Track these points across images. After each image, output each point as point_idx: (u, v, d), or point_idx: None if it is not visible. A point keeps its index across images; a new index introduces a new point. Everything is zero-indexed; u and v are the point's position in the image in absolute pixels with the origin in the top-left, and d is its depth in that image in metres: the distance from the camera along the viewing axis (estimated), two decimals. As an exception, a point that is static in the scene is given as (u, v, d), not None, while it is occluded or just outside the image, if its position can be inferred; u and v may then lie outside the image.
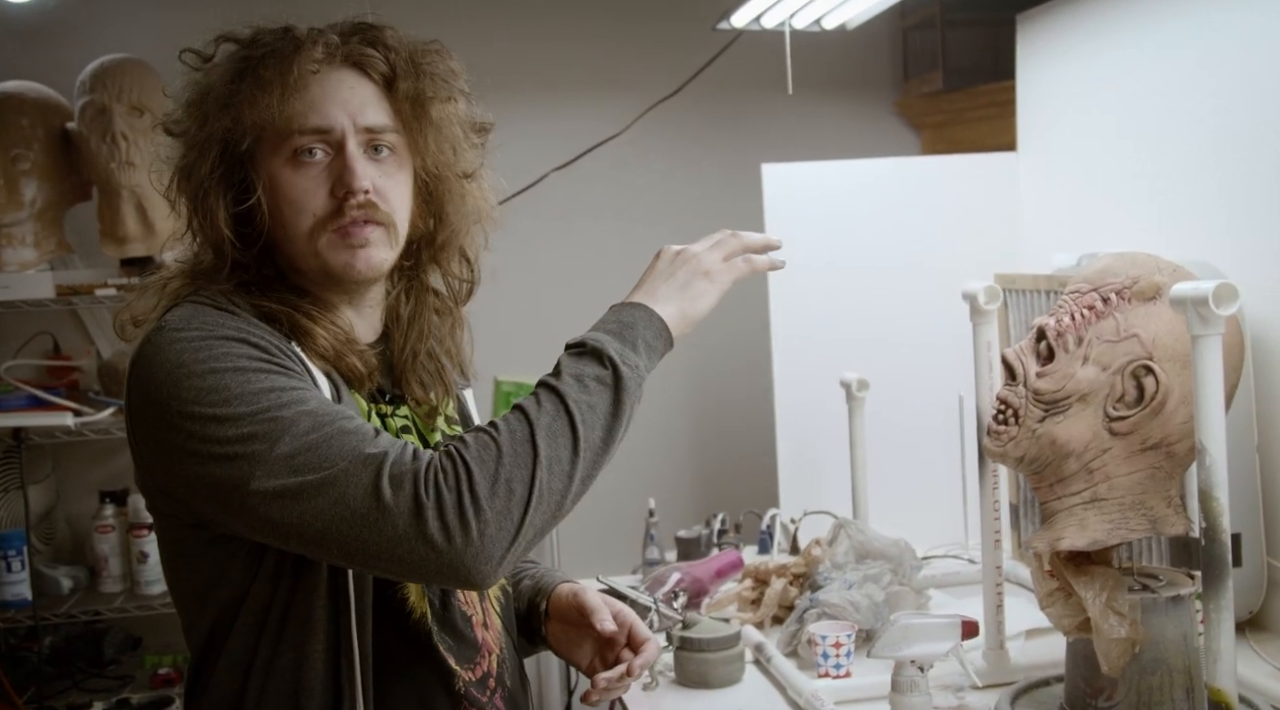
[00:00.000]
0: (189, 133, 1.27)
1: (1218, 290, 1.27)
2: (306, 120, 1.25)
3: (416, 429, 1.39)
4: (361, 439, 1.13)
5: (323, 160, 1.26)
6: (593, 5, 3.36)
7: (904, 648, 1.30)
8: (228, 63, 1.27)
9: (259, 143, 1.25)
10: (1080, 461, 1.45)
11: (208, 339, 1.18)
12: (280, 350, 1.21)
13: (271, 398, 1.14)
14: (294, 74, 1.24)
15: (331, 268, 1.27)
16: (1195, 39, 2.08)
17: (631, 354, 1.25)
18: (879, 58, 3.53)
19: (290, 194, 1.25)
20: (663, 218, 3.47)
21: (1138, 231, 2.23)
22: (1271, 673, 1.73)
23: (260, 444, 1.12)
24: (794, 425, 2.63)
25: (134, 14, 3.14)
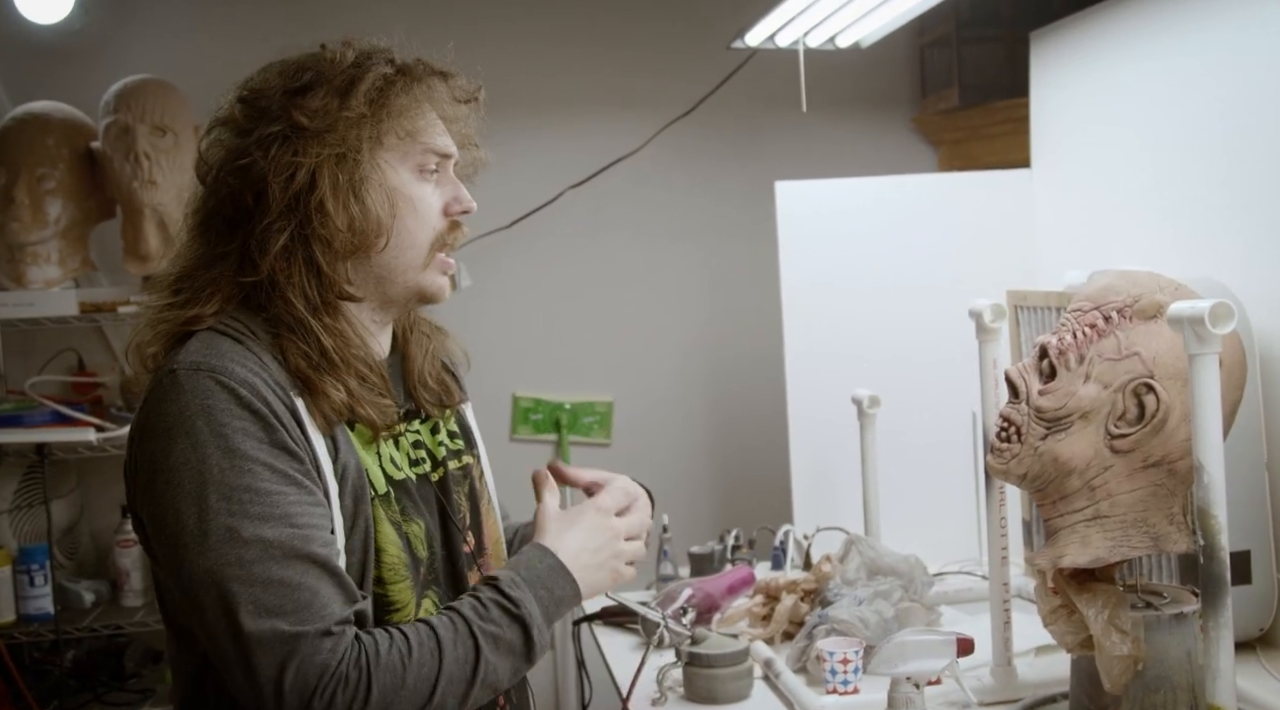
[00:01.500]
0: (330, 126, 1.27)
1: (1214, 309, 1.28)
2: (436, 140, 1.34)
3: (424, 444, 1.43)
4: (297, 609, 1.15)
5: (432, 179, 1.35)
6: (609, 25, 3.38)
7: (899, 664, 1.30)
8: (375, 68, 1.30)
9: (380, 152, 1.30)
10: (1082, 479, 1.46)
11: (218, 409, 1.18)
12: (280, 422, 1.21)
13: (249, 520, 1.16)
14: (438, 95, 1.34)
15: (428, 289, 1.35)
16: (1207, 56, 2.09)
17: (547, 629, 1.29)
18: (896, 75, 3.54)
19: (418, 207, 1.32)
20: (679, 234, 3.49)
21: (1151, 248, 2.23)
22: (1281, 692, 1.73)
23: (223, 550, 1.16)
24: (808, 441, 2.64)
25: (157, 35, 3.19)
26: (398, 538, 1.30)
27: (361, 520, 1.26)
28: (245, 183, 1.27)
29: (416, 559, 1.33)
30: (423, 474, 1.40)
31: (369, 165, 1.29)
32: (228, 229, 1.29)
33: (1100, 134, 2.43)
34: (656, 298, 3.51)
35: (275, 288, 1.28)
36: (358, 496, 1.26)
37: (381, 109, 1.29)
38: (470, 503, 1.46)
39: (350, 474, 1.26)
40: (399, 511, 1.32)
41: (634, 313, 3.51)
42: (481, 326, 3.33)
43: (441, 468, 1.43)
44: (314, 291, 1.28)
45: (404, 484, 1.35)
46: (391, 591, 1.29)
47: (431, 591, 1.35)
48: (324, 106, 1.26)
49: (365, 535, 1.26)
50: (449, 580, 1.39)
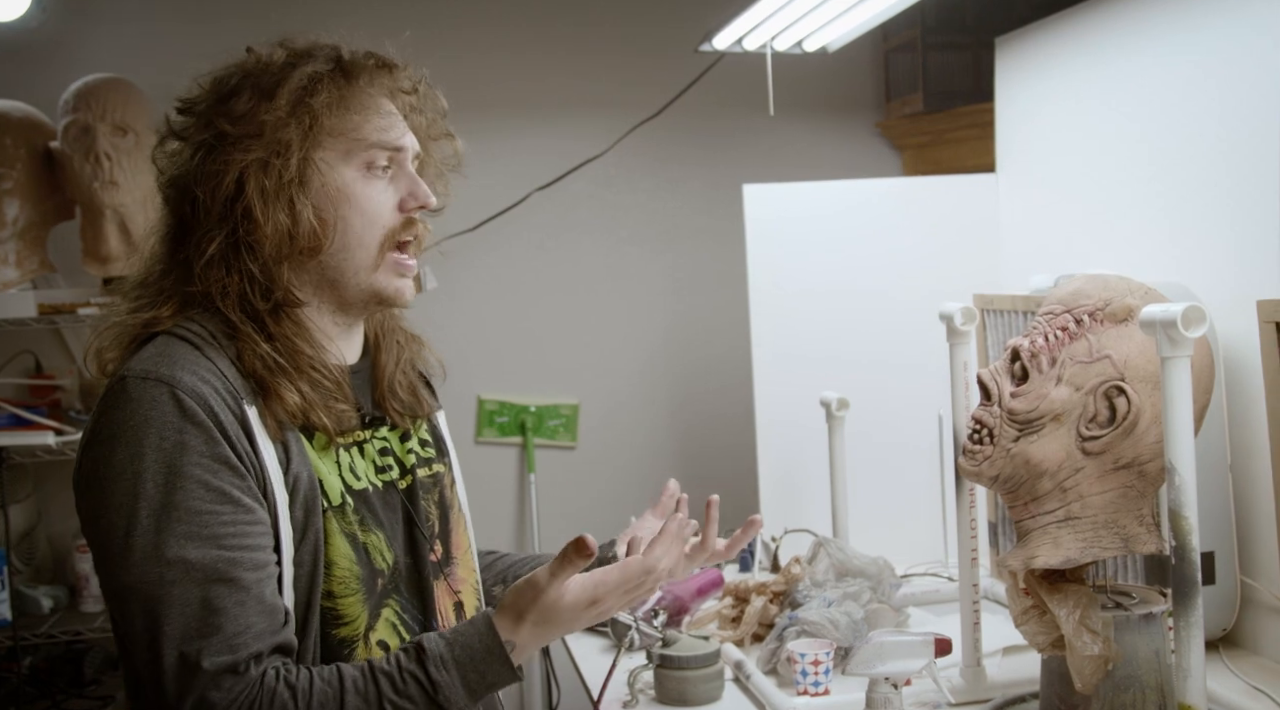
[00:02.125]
0: (254, 130, 1.25)
1: (1186, 313, 1.29)
2: (384, 135, 1.30)
3: (392, 450, 1.41)
4: (207, 635, 1.14)
5: (385, 176, 1.31)
6: (576, 27, 3.38)
7: (878, 665, 1.31)
8: (303, 67, 1.28)
9: (322, 151, 1.27)
10: (1054, 481, 1.47)
11: (161, 421, 1.17)
12: (225, 435, 1.19)
13: (183, 542, 1.15)
14: (377, 89, 1.31)
15: (382, 292, 1.32)
16: (1171, 62, 2.11)
17: (472, 704, 1.24)
18: (861, 79, 3.56)
19: (363, 205, 1.29)
20: (645, 237, 3.49)
21: (1115, 252, 2.25)
22: (1245, 690, 1.75)
23: (145, 567, 1.15)
24: (775, 444, 2.64)
25: (117, 33, 3.16)
26: (351, 551, 1.28)
27: (312, 533, 1.24)
28: (181, 193, 1.28)
29: (374, 570, 1.31)
30: (389, 481, 1.38)
31: (302, 167, 1.26)
32: (176, 240, 1.29)
33: (1065, 139, 2.45)
34: (623, 300, 3.51)
35: (208, 298, 1.26)
36: (309, 508, 1.24)
37: (308, 108, 1.26)
38: (440, 511, 1.44)
39: (302, 485, 1.24)
40: (356, 522, 1.30)
41: (600, 315, 3.51)
42: (446, 328, 3.30)
43: (410, 475, 1.41)
44: (255, 298, 1.27)
45: (364, 494, 1.32)
46: (341, 605, 1.27)
47: (392, 601, 1.33)
48: (248, 110, 1.25)
49: (315, 548, 1.24)
50: (413, 589, 1.36)
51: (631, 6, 3.39)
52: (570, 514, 3.49)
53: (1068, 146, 2.44)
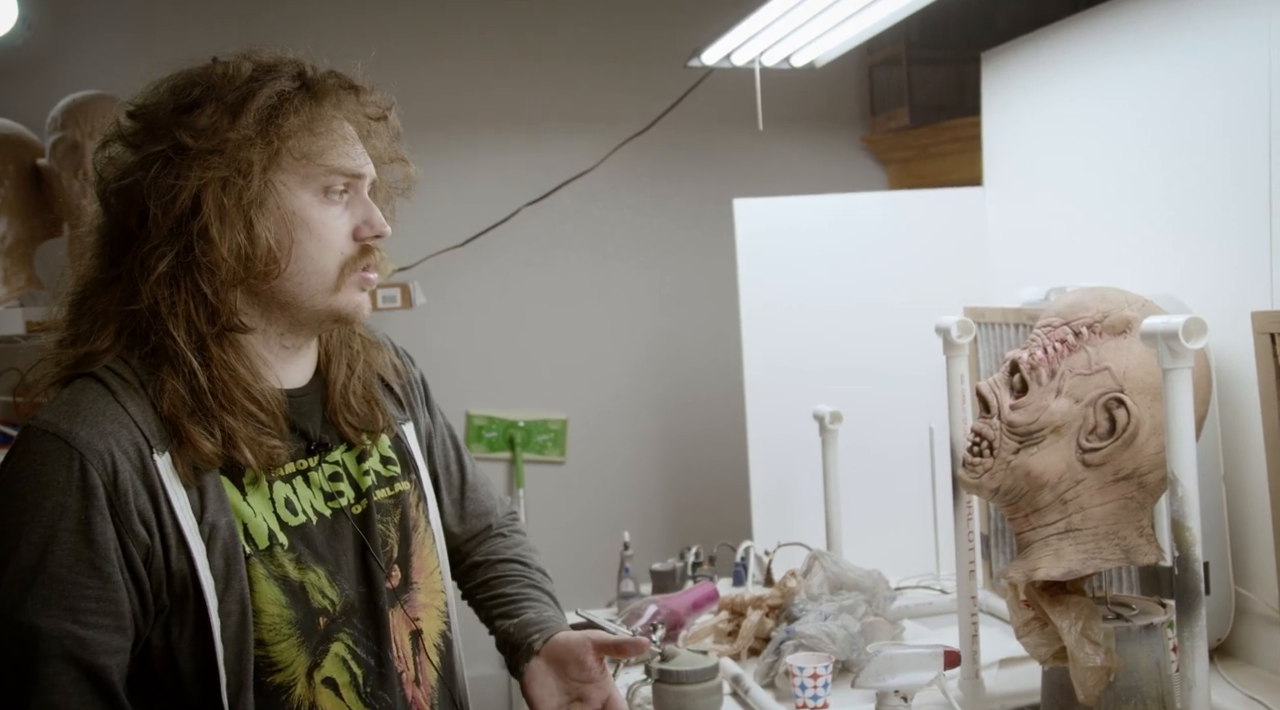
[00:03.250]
0: (217, 147, 1.18)
1: (1188, 325, 1.31)
2: (344, 162, 1.24)
3: (347, 474, 1.34)
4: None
5: (340, 201, 1.26)
6: (566, 43, 3.39)
7: (888, 678, 1.31)
8: (270, 84, 1.21)
9: (278, 173, 1.21)
10: (1054, 492, 1.48)
11: (47, 481, 1.12)
12: (116, 498, 1.13)
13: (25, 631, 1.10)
14: (343, 113, 1.25)
15: (341, 311, 1.26)
16: (1157, 76, 2.14)
17: None
18: (846, 94, 3.59)
19: (320, 231, 1.23)
20: (635, 252, 3.50)
21: (1103, 265, 2.27)
22: (1240, 699, 1.76)
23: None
24: (767, 458, 2.65)
25: (106, 50, 3.15)
26: (281, 595, 1.22)
27: (236, 581, 1.19)
28: (129, 203, 1.20)
29: (313, 610, 1.25)
30: (339, 508, 1.32)
31: (261, 188, 1.19)
32: (115, 252, 1.22)
33: (1052, 152, 2.47)
34: (611, 315, 3.52)
35: (156, 318, 1.19)
36: (229, 556, 1.19)
37: (275, 128, 1.19)
38: (401, 533, 1.38)
39: (220, 533, 1.19)
40: (291, 562, 1.24)
41: (589, 330, 3.51)
42: (435, 343, 3.31)
43: (365, 499, 1.34)
44: (201, 321, 1.20)
45: (303, 529, 1.26)
46: (273, 652, 1.22)
47: (343, 635, 1.27)
48: (212, 125, 1.18)
49: (241, 596, 1.19)
50: (367, 620, 1.30)
51: (619, 22, 3.41)
52: (559, 529, 3.49)
53: (1055, 160, 2.46)
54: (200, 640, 1.17)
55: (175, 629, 1.17)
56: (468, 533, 1.58)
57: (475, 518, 1.58)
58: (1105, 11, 2.27)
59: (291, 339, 1.28)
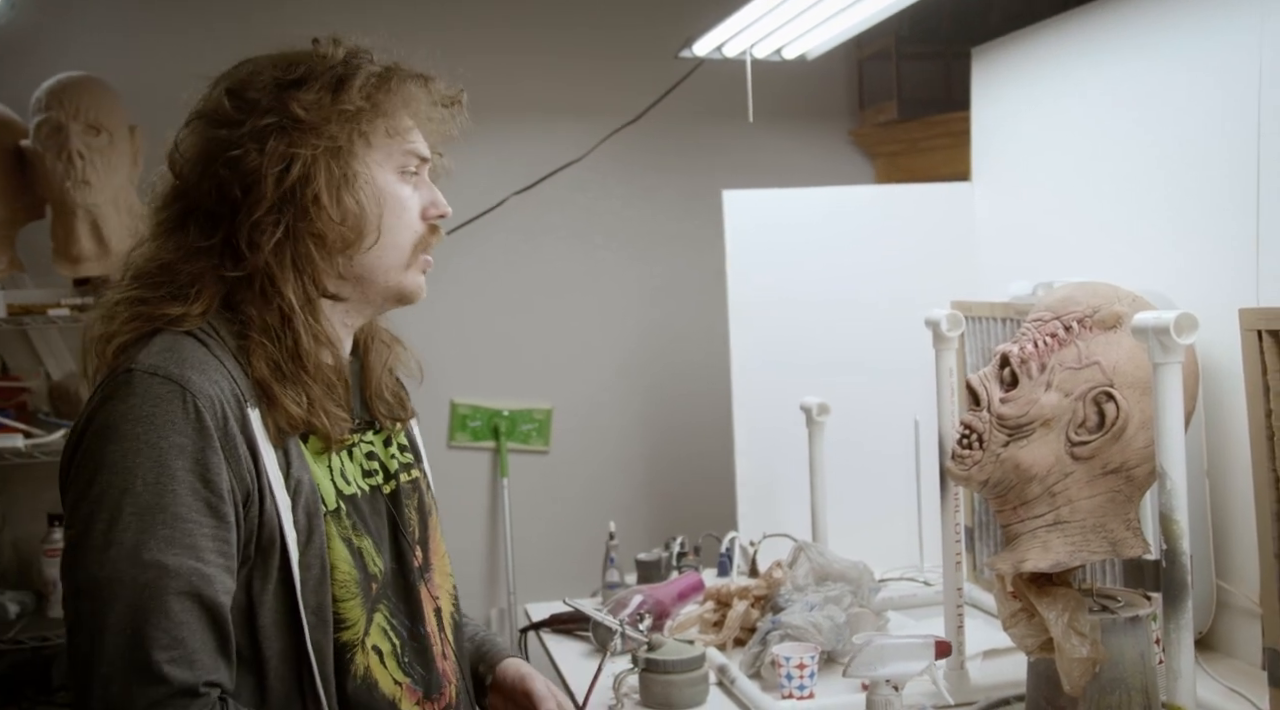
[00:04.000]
0: (325, 118, 1.25)
1: (1179, 320, 1.32)
2: (418, 144, 1.33)
3: (378, 456, 1.41)
4: (159, 649, 1.11)
5: (411, 182, 1.34)
6: (556, 32, 3.39)
7: (879, 667, 1.32)
8: (367, 66, 1.30)
9: (371, 150, 1.29)
10: (1043, 485, 1.49)
11: (161, 420, 1.14)
12: (225, 441, 1.17)
13: (151, 564, 1.12)
14: (422, 98, 1.33)
15: (408, 289, 1.34)
16: (1147, 74, 2.15)
17: None
18: (835, 88, 3.59)
19: (403, 208, 1.31)
20: (622, 242, 3.50)
21: (1091, 260, 2.28)
22: (1222, 691, 1.78)
23: (120, 566, 1.12)
24: (753, 449, 2.65)
25: (91, 32, 3.13)
26: (349, 554, 1.27)
27: (316, 537, 1.23)
28: (235, 175, 1.23)
29: (369, 575, 1.30)
30: (375, 486, 1.37)
31: (360, 161, 1.28)
32: (210, 223, 1.25)
33: (1041, 148, 2.48)
34: (598, 305, 3.52)
35: (269, 282, 1.24)
36: (310, 512, 1.23)
37: (373, 106, 1.28)
38: (420, 517, 1.44)
39: (304, 489, 1.23)
40: (350, 527, 1.29)
41: (575, 319, 3.51)
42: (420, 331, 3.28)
43: (394, 480, 1.41)
44: (302, 288, 1.26)
45: (354, 498, 1.32)
46: (343, 609, 1.25)
47: (383, 606, 1.32)
48: (319, 99, 1.25)
49: (320, 552, 1.23)
50: (400, 594, 1.36)
51: (610, 12, 3.40)
52: (544, 519, 3.49)
53: (1044, 156, 2.47)
54: (283, 594, 1.21)
55: (258, 582, 1.20)
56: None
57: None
58: (1096, 9, 2.28)
59: (354, 318, 1.35)
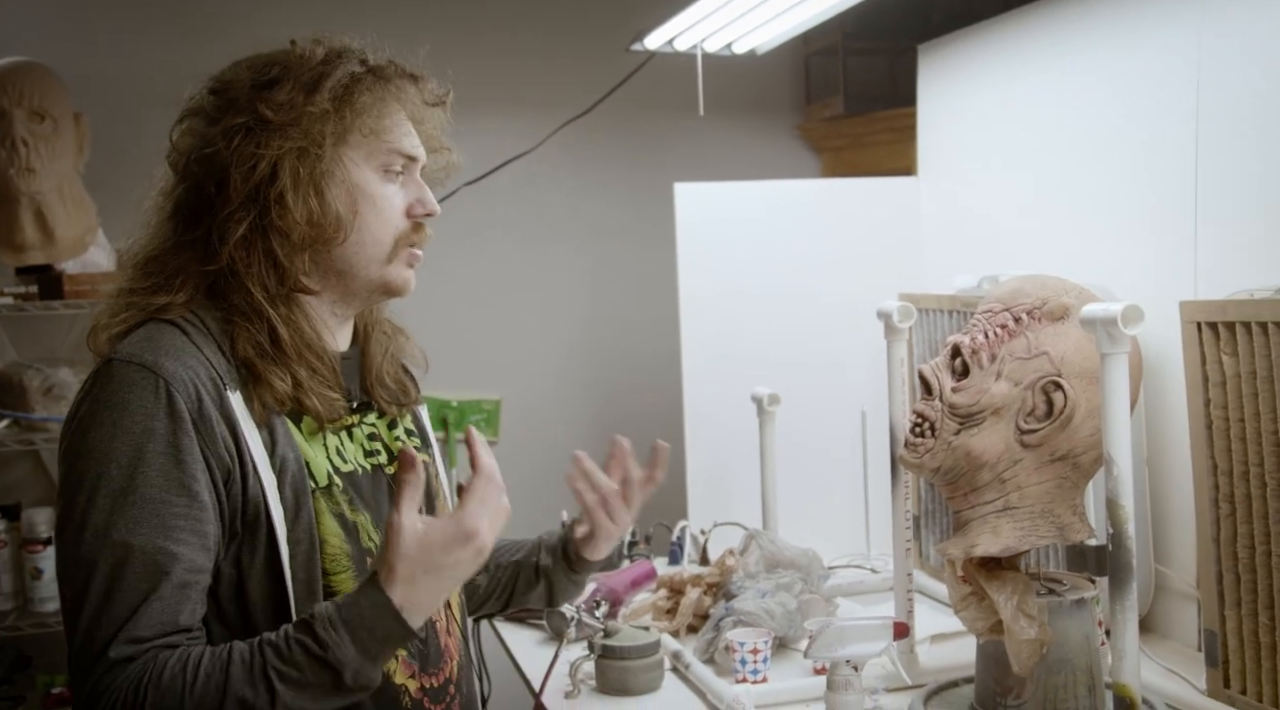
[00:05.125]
0: (294, 120, 1.29)
1: (1126, 311, 1.36)
2: (403, 142, 1.35)
3: (380, 438, 1.44)
4: (130, 627, 1.16)
5: (396, 181, 1.36)
6: (507, 23, 3.39)
7: (839, 648, 1.36)
8: (343, 66, 1.33)
9: (348, 148, 1.32)
10: (993, 472, 1.53)
11: (136, 406, 1.20)
12: (200, 423, 1.21)
13: (119, 542, 1.18)
14: (405, 97, 1.36)
15: (393, 283, 1.37)
16: (1089, 73, 2.21)
17: (371, 665, 1.20)
18: (782, 83, 3.63)
19: (380, 205, 1.33)
20: (573, 234, 3.51)
21: (1034, 255, 2.33)
22: (1161, 672, 1.84)
23: (92, 545, 1.18)
24: (703, 440, 2.68)
25: (36, 18, 3.07)
26: (340, 529, 1.31)
27: (304, 513, 1.27)
28: (208, 172, 1.30)
29: (363, 550, 1.33)
30: (377, 465, 1.41)
31: (331, 161, 1.31)
32: (193, 217, 1.32)
33: (985, 144, 2.54)
34: (547, 296, 3.53)
35: (234, 276, 1.30)
36: (298, 489, 1.28)
37: (346, 106, 1.31)
38: (426, 500, 1.43)
39: (290, 467, 1.27)
40: (345, 502, 1.33)
41: (524, 310, 3.52)
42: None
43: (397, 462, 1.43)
44: (272, 282, 1.31)
45: (352, 476, 1.36)
46: (334, 582, 1.29)
47: None
48: (289, 100, 1.29)
49: (309, 527, 1.28)
50: None
51: (561, 5, 3.41)
52: (491, 509, 3.49)
53: (988, 151, 2.53)
54: (271, 568, 1.25)
55: (246, 557, 1.25)
56: None
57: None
58: (1040, 8, 2.33)
59: (343, 308, 1.38)
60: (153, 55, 3.04)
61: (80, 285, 2.78)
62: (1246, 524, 1.63)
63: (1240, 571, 1.64)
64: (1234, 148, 1.87)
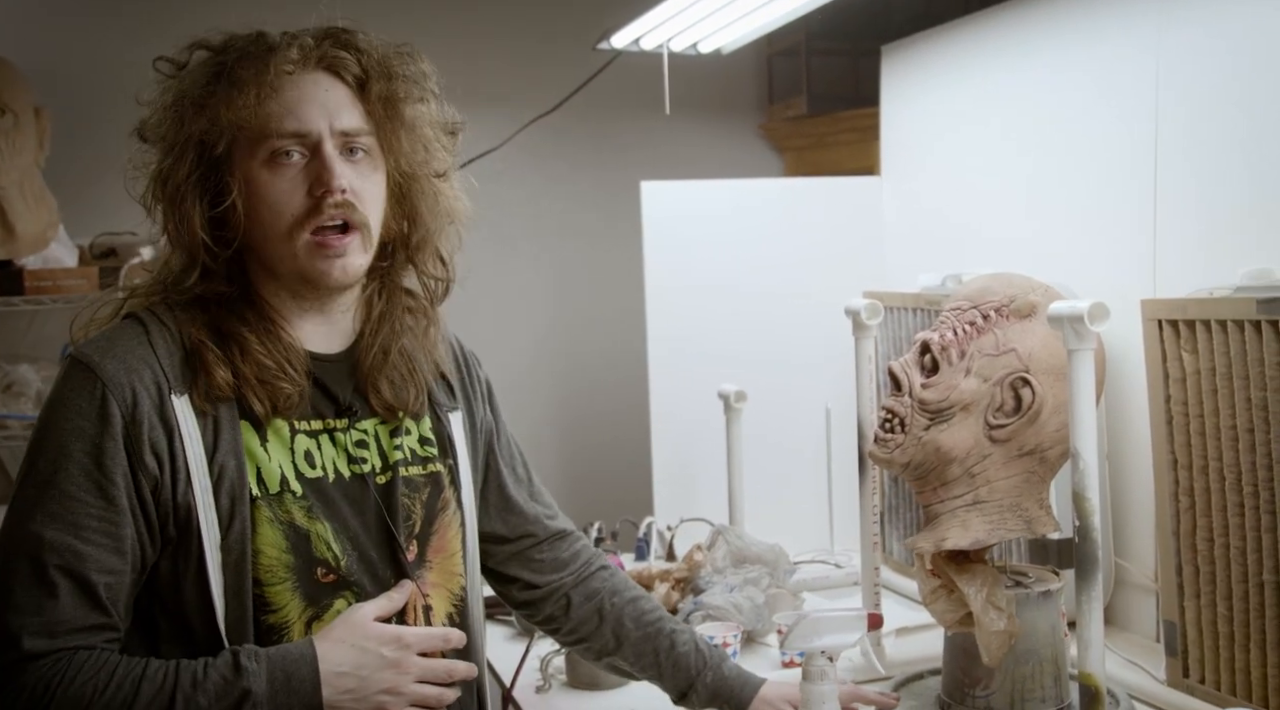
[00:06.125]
0: (165, 138, 1.30)
1: (1092, 309, 1.40)
2: (283, 123, 1.27)
3: (376, 444, 1.39)
4: (39, 622, 1.18)
5: (299, 162, 1.29)
6: (474, 20, 3.39)
7: (815, 639, 1.38)
8: (202, 67, 1.30)
9: (235, 145, 1.28)
10: (963, 467, 1.56)
11: (71, 405, 1.23)
12: (131, 430, 1.23)
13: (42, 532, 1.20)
14: (269, 76, 1.27)
15: (309, 274, 1.31)
16: (1050, 75, 2.24)
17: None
18: (745, 82, 3.65)
19: (268, 195, 1.28)
20: (538, 231, 3.52)
21: (996, 254, 2.37)
22: (1121, 663, 1.88)
23: (11, 535, 1.22)
24: (669, 436, 2.70)
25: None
26: (282, 539, 1.28)
27: (238, 521, 1.26)
28: (157, 200, 1.33)
29: (314, 559, 1.30)
30: (361, 473, 1.36)
31: (224, 170, 1.29)
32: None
33: (947, 144, 2.57)
34: (512, 295, 3.53)
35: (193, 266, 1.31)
36: (234, 496, 1.26)
37: (209, 112, 1.27)
38: (426, 511, 1.42)
39: (229, 474, 1.26)
40: (300, 510, 1.30)
41: (489, 307, 3.51)
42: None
43: (391, 472, 1.39)
44: (221, 279, 1.32)
45: (318, 482, 1.32)
46: (269, 592, 1.28)
47: (349, 594, 1.32)
48: (165, 133, 1.30)
49: (242, 535, 1.26)
50: (379, 585, 1.35)
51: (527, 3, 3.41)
52: (455, 507, 3.49)
53: (951, 152, 2.56)
54: (200, 572, 1.25)
55: (180, 561, 1.26)
56: (542, 528, 1.64)
57: (545, 508, 1.66)
58: (1001, 11, 2.37)
59: (294, 301, 1.35)
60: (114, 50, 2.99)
61: (41, 281, 2.75)
62: (1205, 517, 1.67)
63: (1199, 563, 1.68)
64: (1192, 148, 1.92)
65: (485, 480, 1.57)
